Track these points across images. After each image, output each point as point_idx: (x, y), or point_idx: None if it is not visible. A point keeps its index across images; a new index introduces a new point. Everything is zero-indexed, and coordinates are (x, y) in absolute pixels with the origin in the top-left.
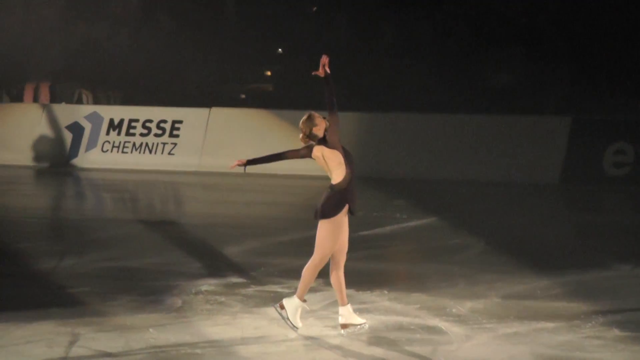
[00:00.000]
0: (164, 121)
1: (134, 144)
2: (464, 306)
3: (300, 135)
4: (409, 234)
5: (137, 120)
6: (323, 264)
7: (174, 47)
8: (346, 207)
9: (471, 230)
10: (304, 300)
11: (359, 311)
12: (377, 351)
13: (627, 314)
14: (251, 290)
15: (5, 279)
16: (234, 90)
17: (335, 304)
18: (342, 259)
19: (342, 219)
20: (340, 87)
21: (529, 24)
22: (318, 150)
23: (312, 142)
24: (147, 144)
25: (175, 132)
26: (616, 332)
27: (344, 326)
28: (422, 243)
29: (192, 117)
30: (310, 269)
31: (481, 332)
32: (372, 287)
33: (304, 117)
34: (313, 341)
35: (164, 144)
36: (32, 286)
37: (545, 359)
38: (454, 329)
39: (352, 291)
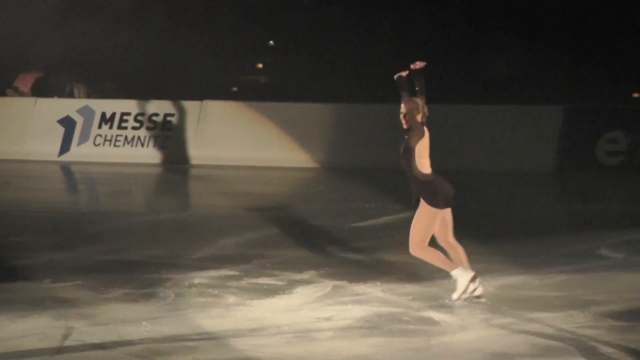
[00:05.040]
0: (156, 114)
1: (126, 137)
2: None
3: (425, 113)
4: (402, 225)
5: (129, 114)
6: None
7: (166, 40)
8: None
9: (465, 220)
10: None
11: (351, 303)
12: (371, 342)
13: (621, 303)
14: (245, 282)
15: None
16: (226, 82)
17: (327, 295)
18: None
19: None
20: (336, 78)
21: (524, 13)
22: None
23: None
24: (139, 137)
25: (167, 125)
26: (610, 321)
27: (479, 296)
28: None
29: (184, 110)
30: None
31: (475, 322)
32: (365, 278)
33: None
34: (307, 333)
35: (157, 137)
36: (25, 280)
37: (539, 349)
38: (447, 320)
39: (345, 282)
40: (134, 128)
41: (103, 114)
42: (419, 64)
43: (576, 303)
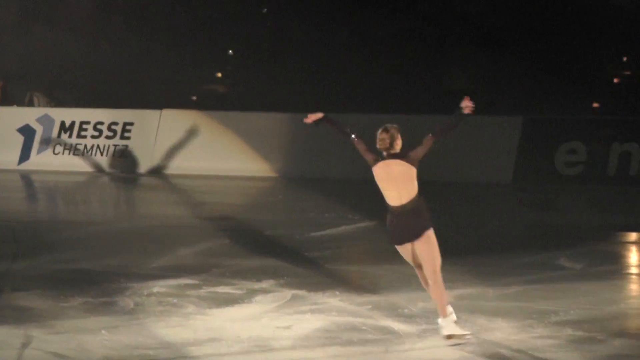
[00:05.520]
0: (115, 123)
1: (85, 146)
2: (416, 306)
3: (384, 142)
4: (361, 234)
5: (88, 123)
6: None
7: (125, 49)
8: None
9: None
10: (450, 314)
11: (310, 312)
12: (330, 351)
13: (579, 313)
14: (204, 291)
15: None
16: (185, 92)
17: (286, 305)
18: (426, 269)
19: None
20: (296, 89)
21: (483, 25)
22: (393, 164)
23: (385, 154)
24: (98, 146)
25: (126, 134)
26: (569, 331)
27: (449, 337)
28: (374, 244)
29: (143, 119)
30: (436, 282)
31: (433, 332)
32: (324, 288)
33: (392, 125)
34: (266, 342)
35: (116, 145)
36: None
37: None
38: (406, 329)
39: (304, 292)
40: (93, 137)
41: (62, 123)
42: (311, 117)
43: (535, 313)
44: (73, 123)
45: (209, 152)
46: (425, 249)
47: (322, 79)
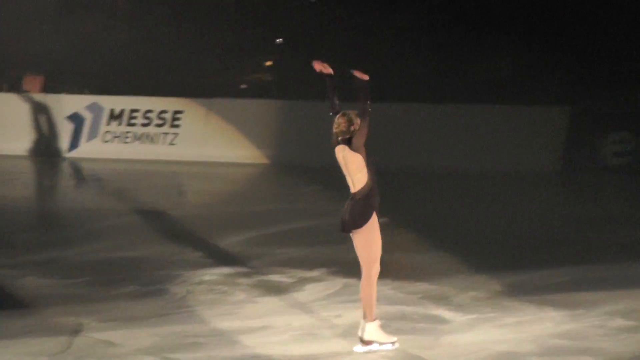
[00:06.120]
0: (165, 111)
1: (134, 134)
2: (467, 295)
3: (340, 126)
4: (411, 223)
5: (137, 111)
6: (376, 274)
7: (174, 37)
8: (374, 213)
9: (474, 220)
10: (376, 319)
11: (360, 300)
12: None
13: (629, 303)
14: (254, 280)
15: (7, 270)
16: (234, 80)
17: (337, 293)
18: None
19: (375, 222)
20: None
21: (529, 13)
22: (340, 151)
23: (339, 139)
24: (148, 134)
25: (176, 122)
26: (619, 321)
27: (366, 342)
28: (425, 232)
29: (192, 108)
30: (365, 286)
31: (483, 321)
32: None
33: (350, 112)
34: (316, 330)
35: (165, 134)
36: (34, 276)
37: (547, 348)
38: (456, 318)
39: (354, 280)
40: (143, 125)
41: (112, 111)
42: (321, 66)
43: (585, 302)
44: (122, 111)
45: (258, 141)
46: (358, 246)
47: (367, 67)
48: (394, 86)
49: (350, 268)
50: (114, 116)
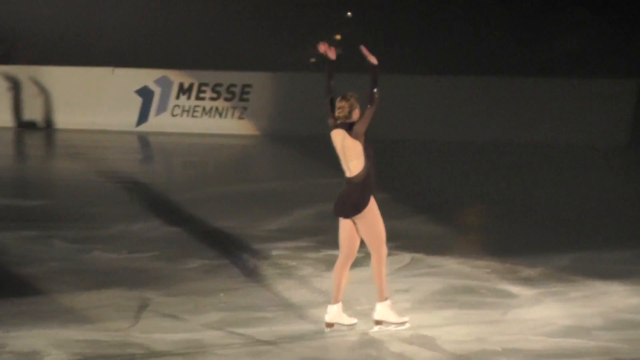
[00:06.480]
0: (234, 85)
1: (203, 108)
2: (534, 270)
3: (343, 110)
4: (478, 198)
5: (206, 85)
6: (385, 255)
7: (242, 12)
8: (372, 196)
9: (540, 193)
10: (386, 298)
11: (428, 275)
12: (447, 314)
13: None
14: (322, 254)
15: (75, 244)
16: (304, 54)
17: (405, 267)
18: (352, 256)
19: (374, 204)
20: (409, 49)
21: None
22: (339, 134)
23: (338, 122)
24: (217, 108)
25: (244, 96)
26: None
27: (329, 325)
28: (491, 206)
29: (261, 81)
30: (376, 268)
31: (551, 295)
32: (442, 251)
33: (351, 94)
34: None
35: (234, 108)
36: (101, 250)
37: (614, 322)
38: (523, 292)
39: (422, 255)
40: (211, 99)
41: (181, 85)
42: (326, 48)
43: None
44: (191, 85)
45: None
46: (363, 230)
47: (435, 40)
48: (463, 58)
49: (419, 243)
50: (183, 90)
